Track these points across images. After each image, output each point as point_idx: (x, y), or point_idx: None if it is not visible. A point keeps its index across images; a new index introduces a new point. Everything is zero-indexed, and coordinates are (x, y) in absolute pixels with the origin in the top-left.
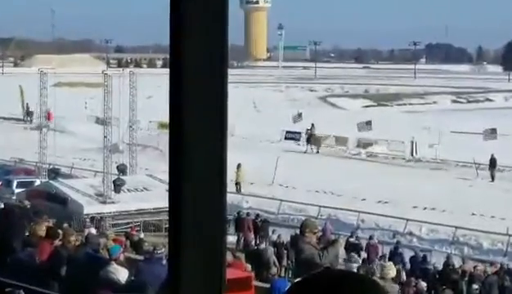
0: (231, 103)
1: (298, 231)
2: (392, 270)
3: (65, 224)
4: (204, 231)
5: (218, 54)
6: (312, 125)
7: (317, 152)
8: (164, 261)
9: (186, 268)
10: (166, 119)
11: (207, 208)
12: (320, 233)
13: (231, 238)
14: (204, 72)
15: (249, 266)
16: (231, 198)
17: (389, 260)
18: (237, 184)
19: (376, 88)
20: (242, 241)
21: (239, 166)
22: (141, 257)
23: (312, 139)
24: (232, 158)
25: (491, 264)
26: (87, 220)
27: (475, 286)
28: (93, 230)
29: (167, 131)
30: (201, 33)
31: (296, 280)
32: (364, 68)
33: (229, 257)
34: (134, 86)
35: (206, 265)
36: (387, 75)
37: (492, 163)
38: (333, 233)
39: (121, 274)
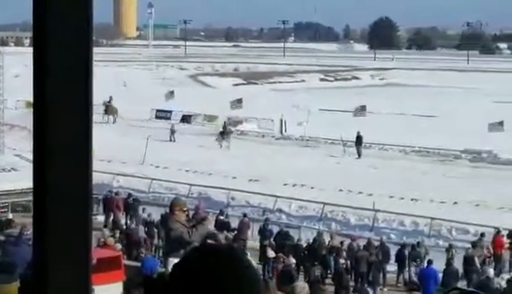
0: (101, 82)
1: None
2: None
3: None
4: (70, 211)
5: (83, 31)
6: (110, 97)
7: (114, 122)
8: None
9: (52, 249)
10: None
11: (73, 188)
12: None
13: (100, 218)
14: (68, 49)
15: (118, 245)
16: (101, 177)
17: (259, 236)
18: None
19: (246, 66)
20: (111, 220)
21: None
22: (8, 238)
23: (108, 110)
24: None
25: (352, 239)
26: None
27: (342, 261)
28: None
29: None
30: (65, 10)
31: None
32: (234, 46)
33: (99, 237)
34: (0, 65)
35: (72, 246)
36: (257, 54)
37: (359, 140)
38: (205, 211)
39: None
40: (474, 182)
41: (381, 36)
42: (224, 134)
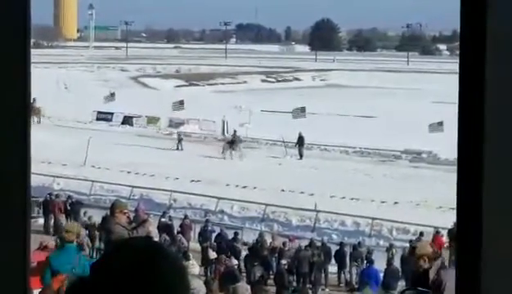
0: (41, 84)
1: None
2: (195, 268)
3: None
4: (8, 214)
5: (20, 31)
6: (34, 99)
7: (39, 122)
8: None
9: None
10: None
11: (11, 191)
12: (133, 214)
13: (41, 221)
14: (5, 50)
15: None
16: (41, 179)
17: (199, 238)
18: None
19: (188, 68)
20: (52, 223)
21: None
22: None
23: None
24: (43, 140)
25: (289, 240)
26: None
27: (284, 261)
28: None
29: None
30: (1, 10)
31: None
32: (175, 48)
33: (40, 240)
34: None
35: (10, 249)
36: (198, 55)
37: (300, 141)
38: (146, 213)
39: None
40: (414, 182)
41: (322, 37)
42: (234, 143)
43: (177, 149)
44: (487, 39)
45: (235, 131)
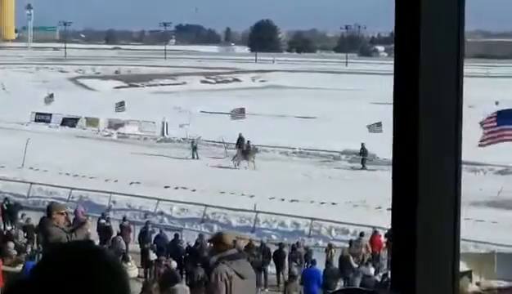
0: None
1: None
2: (133, 270)
3: None
4: None
5: None
6: None
7: None
8: None
9: None
10: None
11: None
12: (72, 216)
13: None
14: None
15: None
16: None
17: (139, 240)
18: None
19: (127, 69)
20: None
21: None
22: None
23: None
24: None
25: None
26: None
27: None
28: None
29: None
30: None
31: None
32: (115, 49)
33: None
34: None
35: None
36: (138, 56)
37: (240, 142)
38: (85, 214)
39: None
40: (353, 182)
41: (262, 38)
42: (248, 153)
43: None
44: (421, 40)
45: (248, 142)
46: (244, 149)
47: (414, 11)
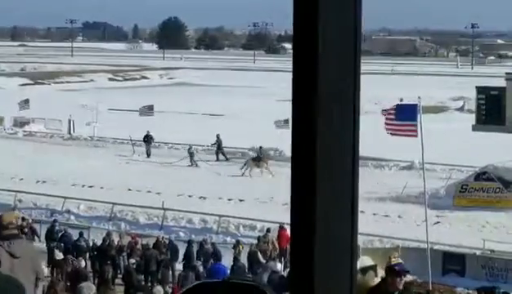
0: None
1: None
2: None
3: None
4: None
5: None
6: None
7: None
8: None
9: None
10: None
11: None
12: None
13: None
14: None
15: None
16: None
17: (46, 238)
18: None
19: (33, 66)
20: None
21: None
22: None
23: None
24: None
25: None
26: None
27: (133, 260)
28: None
29: None
30: None
31: None
32: (20, 46)
33: None
34: None
35: None
36: (44, 53)
37: (148, 140)
38: None
39: None
40: (261, 179)
41: (170, 36)
42: (260, 160)
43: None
44: (319, 39)
45: (260, 148)
46: (255, 157)
47: (311, 8)
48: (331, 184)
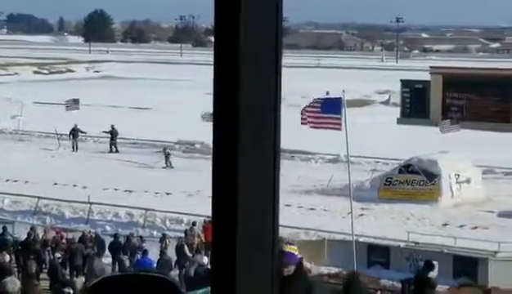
0: None
1: None
2: None
3: None
4: None
5: None
6: None
7: None
8: None
9: None
10: None
11: None
12: None
13: None
14: None
15: None
16: None
17: None
18: None
19: None
20: None
21: None
22: None
23: None
24: None
25: (56, 232)
26: None
27: (58, 255)
28: None
29: None
30: None
31: None
32: None
33: None
34: None
35: None
36: None
37: (74, 133)
38: None
39: None
40: (188, 172)
41: (96, 29)
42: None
43: None
44: (241, 32)
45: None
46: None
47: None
48: (252, 178)
